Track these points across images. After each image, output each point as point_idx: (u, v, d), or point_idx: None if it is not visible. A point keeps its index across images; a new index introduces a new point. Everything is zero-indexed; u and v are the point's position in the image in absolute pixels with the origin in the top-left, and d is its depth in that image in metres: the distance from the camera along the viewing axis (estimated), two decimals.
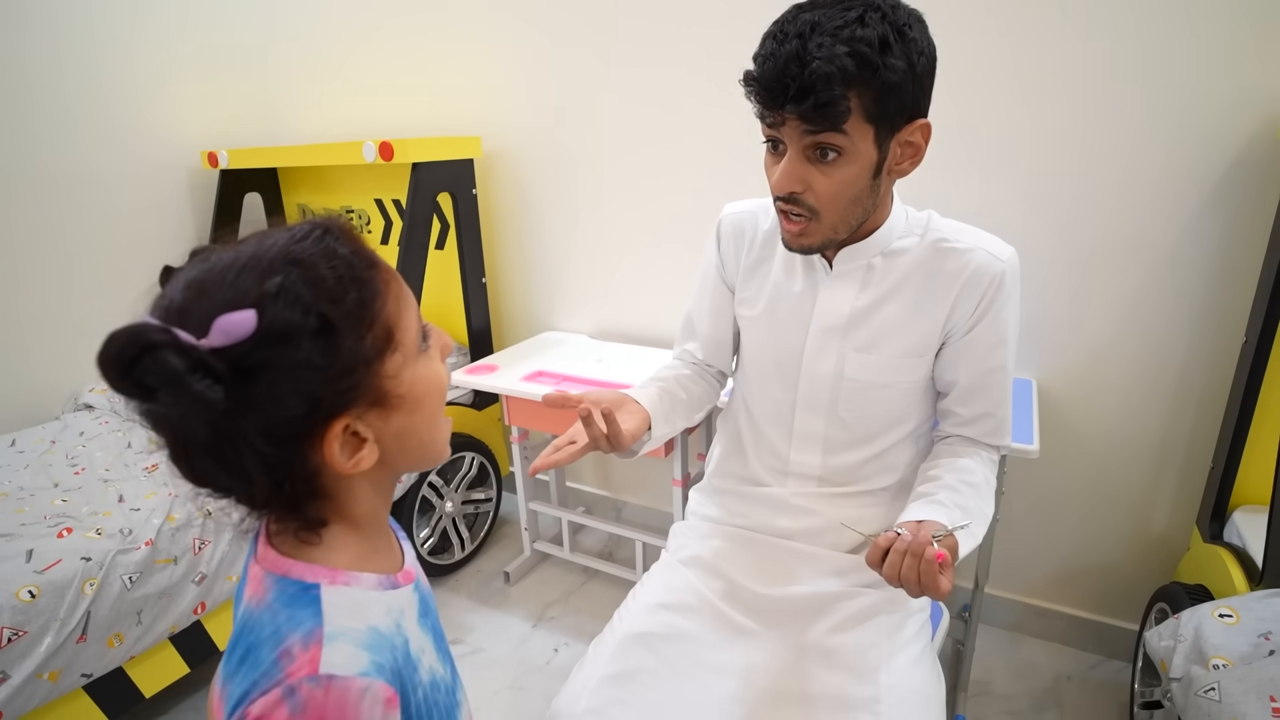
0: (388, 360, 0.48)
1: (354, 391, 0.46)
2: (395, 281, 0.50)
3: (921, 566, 0.72)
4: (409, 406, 0.49)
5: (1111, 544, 1.58)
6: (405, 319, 0.49)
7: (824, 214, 0.84)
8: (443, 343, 0.55)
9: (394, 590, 0.52)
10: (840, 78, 0.73)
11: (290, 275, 0.43)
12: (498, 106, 2.00)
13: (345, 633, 0.46)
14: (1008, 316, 0.92)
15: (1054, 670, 1.61)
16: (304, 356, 0.42)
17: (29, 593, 1.19)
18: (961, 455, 0.96)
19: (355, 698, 0.43)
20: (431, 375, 0.52)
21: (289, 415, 0.43)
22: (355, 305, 0.45)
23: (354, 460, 0.47)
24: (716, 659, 0.92)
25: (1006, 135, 1.43)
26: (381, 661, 0.46)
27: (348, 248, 0.47)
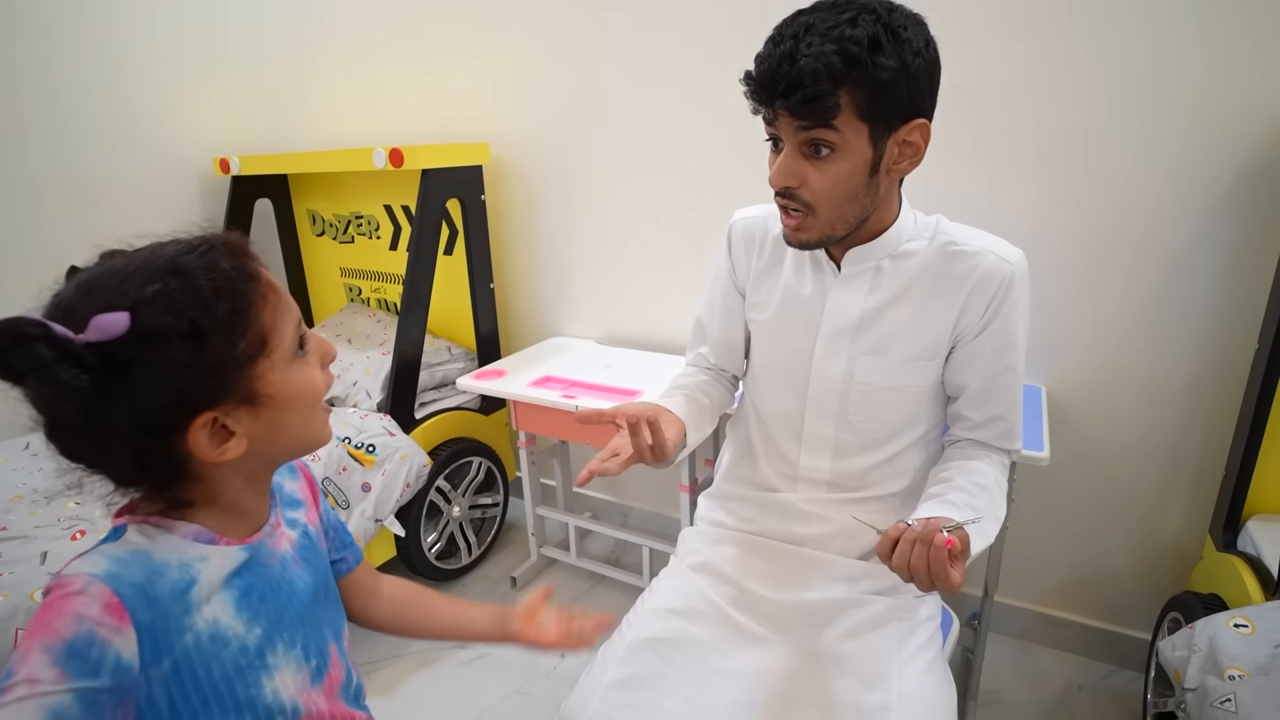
0: (259, 363, 0.53)
1: (221, 389, 0.51)
2: (273, 294, 0.55)
3: (931, 554, 0.71)
4: (278, 405, 0.55)
5: (1122, 552, 1.57)
6: (280, 328, 0.55)
7: (820, 209, 0.86)
8: (323, 350, 0.61)
9: (207, 545, 0.56)
10: (827, 74, 0.76)
11: (169, 284, 0.48)
12: (506, 113, 2.01)
13: (106, 550, 0.51)
14: (1017, 319, 0.92)
15: (1065, 680, 1.60)
16: (173, 356, 0.48)
17: (43, 595, 1.19)
18: (973, 458, 0.96)
19: (73, 590, 0.48)
20: (303, 379, 0.57)
21: (156, 406, 0.49)
22: (227, 314, 0.51)
23: (220, 450, 0.52)
24: (726, 665, 0.92)
25: (1016, 139, 1.42)
26: (121, 574, 0.50)
27: (230, 262, 0.52)
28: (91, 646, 0.47)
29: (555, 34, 1.86)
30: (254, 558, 0.60)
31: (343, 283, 2.43)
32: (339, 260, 2.41)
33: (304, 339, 0.58)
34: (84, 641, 0.46)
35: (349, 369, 1.99)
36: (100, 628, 0.47)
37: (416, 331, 1.86)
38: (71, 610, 0.47)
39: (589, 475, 0.82)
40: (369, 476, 1.68)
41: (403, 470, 1.72)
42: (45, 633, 0.46)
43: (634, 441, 0.86)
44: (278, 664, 0.59)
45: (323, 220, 2.38)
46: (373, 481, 1.68)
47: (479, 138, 2.05)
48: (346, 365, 2.01)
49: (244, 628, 0.57)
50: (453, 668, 1.68)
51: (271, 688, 0.58)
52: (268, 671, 0.58)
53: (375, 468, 1.69)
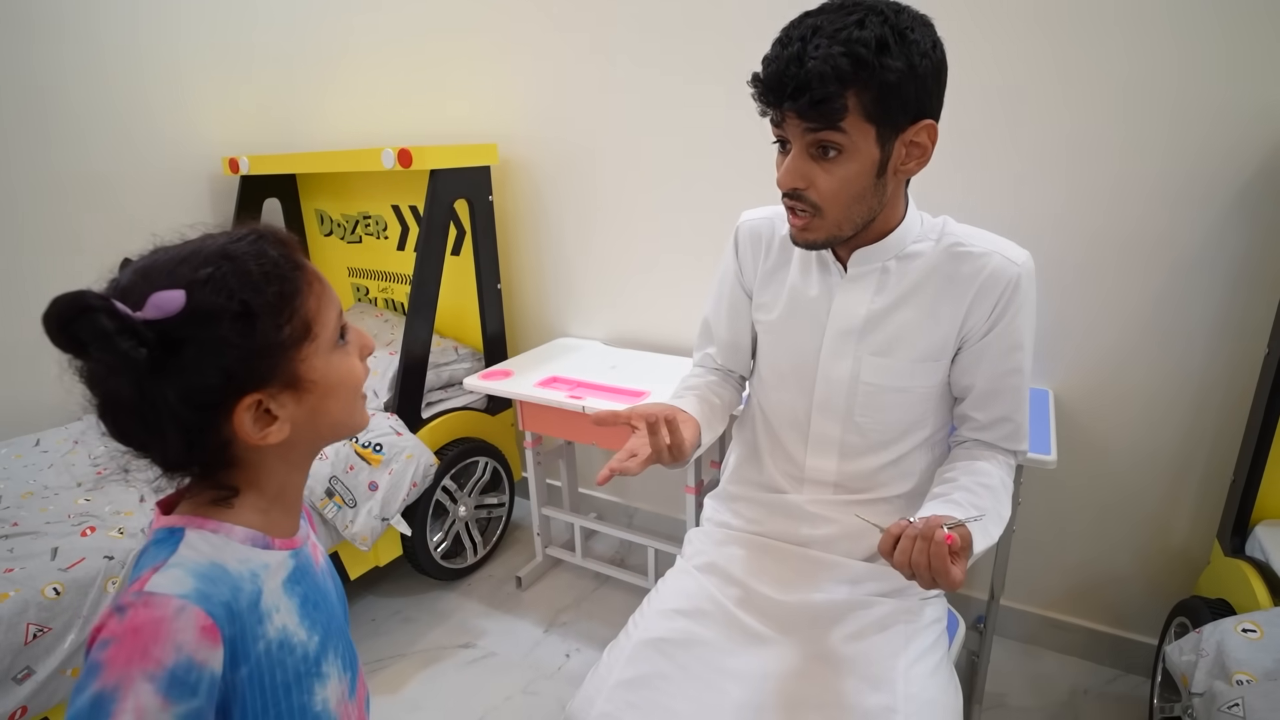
0: (304, 349, 0.55)
1: (268, 372, 0.53)
2: (318, 283, 0.57)
3: (931, 549, 0.72)
4: (321, 391, 0.56)
5: (1129, 557, 1.56)
6: (324, 315, 0.57)
7: (827, 210, 0.86)
8: (362, 342, 0.62)
9: (264, 550, 0.57)
10: (834, 76, 0.76)
11: (221, 267, 0.50)
12: (514, 114, 2.02)
13: (184, 562, 0.51)
14: (1024, 321, 0.92)
15: (1070, 684, 1.60)
16: (224, 335, 0.49)
17: (54, 590, 1.21)
18: (978, 459, 0.96)
19: (168, 614, 0.47)
20: (345, 367, 0.59)
21: (206, 384, 0.50)
22: (275, 297, 0.52)
23: (264, 434, 0.53)
24: (732, 665, 0.92)
25: (1025, 142, 1.42)
26: (210, 592, 0.50)
27: (278, 251, 0.54)
28: (191, 671, 0.47)
29: (563, 36, 1.86)
30: (301, 565, 0.60)
31: (350, 282, 2.44)
32: (347, 260, 2.42)
33: (345, 329, 0.60)
34: (184, 668, 0.47)
35: None
36: (198, 652, 0.48)
37: (424, 331, 1.86)
38: (170, 637, 0.47)
39: (609, 474, 0.82)
40: (376, 475, 1.69)
41: (409, 469, 1.73)
42: (145, 660, 0.46)
43: (653, 441, 0.86)
44: (329, 672, 0.60)
45: (331, 220, 2.39)
46: (380, 480, 1.69)
47: (487, 138, 2.06)
48: None
49: (306, 635, 0.58)
50: (457, 667, 1.69)
51: (322, 696, 0.59)
52: (321, 680, 0.59)
53: (382, 467, 1.70)
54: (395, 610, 1.88)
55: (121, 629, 0.47)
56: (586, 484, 2.27)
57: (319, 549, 0.66)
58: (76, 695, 0.46)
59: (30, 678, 1.16)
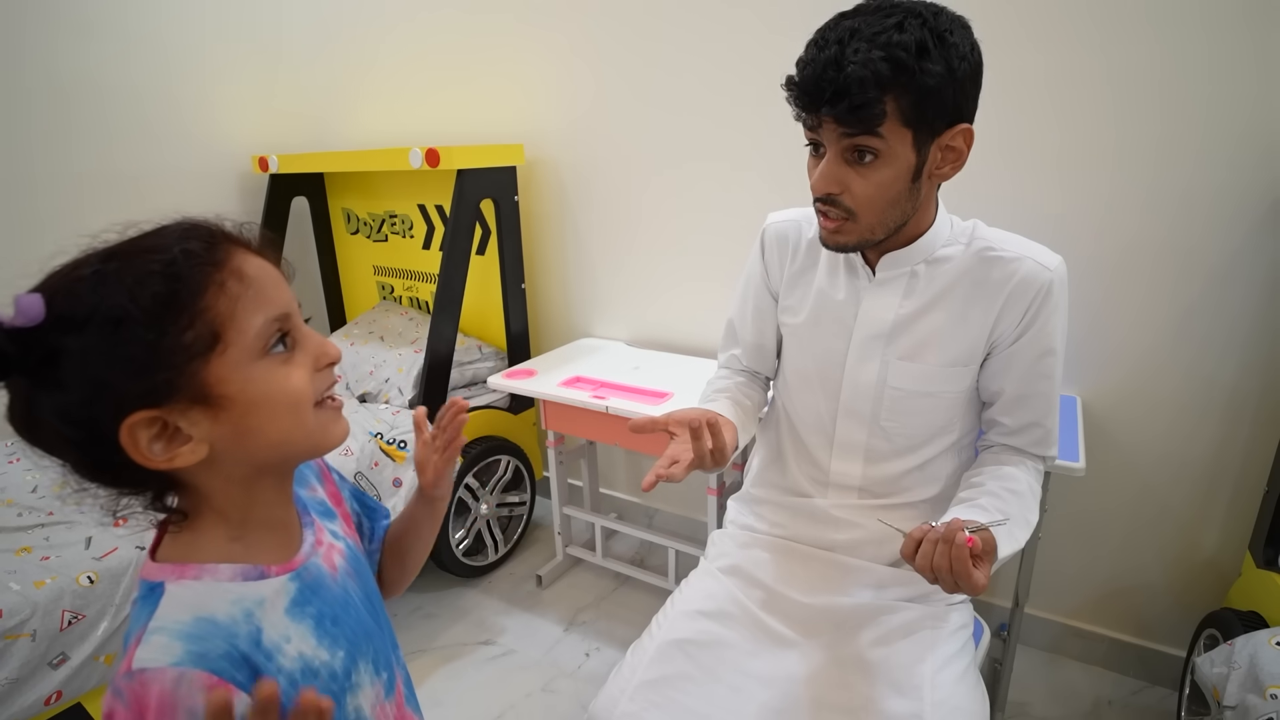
0: (212, 359, 0.47)
1: (162, 386, 0.46)
2: (237, 283, 0.48)
3: (952, 553, 0.72)
4: (241, 408, 0.49)
5: (1157, 566, 1.54)
6: (242, 321, 0.48)
7: (861, 215, 0.85)
8: (319, 351, 0.54)
9: (258, 581, 0.52)
10: (874, 81, 0.75)
11: (106, 267, 0.45)
12: (541, 115, 2.03)
13: (165, 626, 0.47)
14: (1055, 326, 0.91)
15: (1094, 694, 1.58)
16: (92, 345, 0.44)
17: (88, 578, 1.23)
18: (1006, 464, 0.95)
19: (168, 687, 0.44)
20: (275, 380, 0.50)
21: (81, 399, 0.44)
22: (161, 300, 0.45)
23: (171, 455, 0.47)
24: (756, 668, 0.92)
25: (1061, 147, 1.41)
26: (203, 650, 0.46)
27: (185, 245, 0.47)
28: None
29: (590, 37, 1.87)
30: (311, 582, 0.56)
31: (376, 280, 2.47)
32: (372, 258, 2.45)
33: (288, 336, 0.52)
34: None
35: (381, 365, 2.02)
36: None
37: (449, 330, 1.88)
38: (182, 707, 0.44)
39: (655, 480, 0.81)
40: (400, 472, 1.71)
41: None
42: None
43: (696, 447, 0.84)
44: (360, 682, 0.58)
45: (357, 219, 2.42)
46: (404, 477, 1.71)
47: (513, 139, 2.08)
48: (379, 362, 2.04)
49: (329, 654, 0.55)
50: (478, 664, 1.70)
51: (354, 705, 0.57)
52: (352, 691, 0.57)
53: (407, 464, 1.72)
54: (416, 606, 1.90)
55: (131, 714, 0.44)
56: (607, 484, 2.28)
57: (337, 549, 0.62)
58: None
59: (65, 663, 1.19)
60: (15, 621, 1.14)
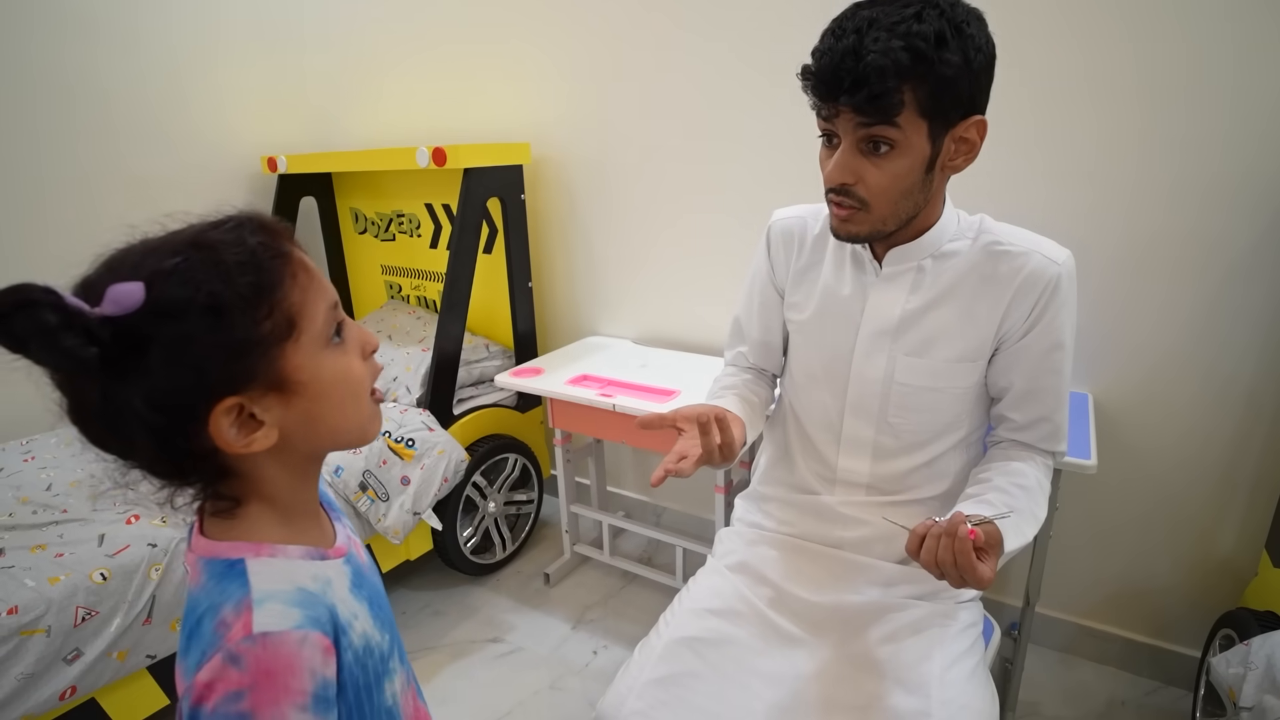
0: (288, 347, 0.49)
1: (246, 373, 0.48)
2: (304, 273, 0.51)
3: (955, 546, 0.72)
4: (312, 394, 0.51)
5: (1172, 566, 1.52)
6: (311, 309, 0.51)
7: (875, 206, 0.85)
8: (363, 339, 0.57)
9: (322, 561, 0.55)
10: (894, 71, 0.75)
11: (190, 257, 0.46)
12: (547, 114, 2.03)
13: (273, 595, 0.49)
14: (1063, 321, 0.90)
15: (1107, 695, 1.56)
16: (191, 332, 0.45)
17: (101, 575, 1.25)
18: (1014, 459, 0.95)
19: (294, 648, 0.47)
20: (339, 367, 0.53)
21: (173, 387, 0.45)
22: (249, 289, 0.47)
23: (247, 441, 0.49)
24: (764, 666, 0.91)
25: (1073, 140, 1.39)
26: (316, 615, 0.49)
27: (258, 238, 0.49)
28: (328, 687, 0.49)
29: (596, 35, 1.87)
30: (357, 569, 0.59)
31: (383, 280, 2.48)
32: (380, 258, 2.46)
33: (341, 326, 0.54)
34: (323, 687, 0.48)
35: (390, 364, 2.03)
36: (327, 670, 0.49)
37: (456, 328, 1.89)
38: (305, 667, 0.47)
39: (664, 475, 0.82)
40: (408, 470, 1.71)
41: (441, 465, 1.75)
42: (291, 695, 0.46)
43: (704, 442, 0.85)
44: (395, 668, 0.60)
45: (365, 218, 2.43)
46: (412, 475, 1.71)
47: (520, 138, 2.08)
48: (387, 361, 2.05)
49: (379, 635, 0.57)
50: (486, 661, 1.71)
51: (391, 691, 0.59)
52: (390, 677, 0.59)
53: (414, 462, 1.72)
54: (425, 604, 1.91)
55: (252, 677, 0.45)
56: (615, 482, 2.28)
57: (360, 546, 0.65)
58: None
59: (79, 659, 1.20)
60: (30, 617, 1.16)
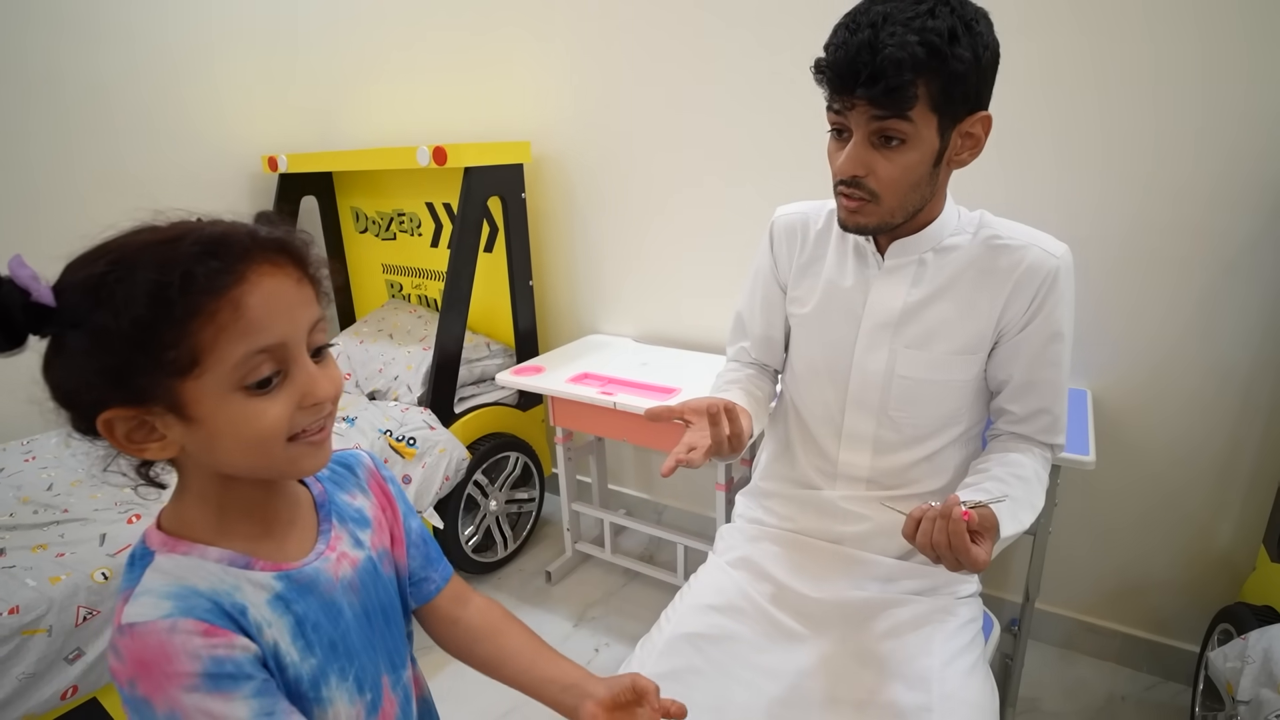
0: (187, 381, 0.48)
1: (133, 393, 0.48)
2: (231, 312, 0.48)
3: (950, 528, 0.74)
4: (208, 432, 0.50)
5: (1170, 561, 1.53)
6: (224, 352, 0.48)
7: (884, 198, 0.87)
8: (305, 390, 0.52)
9: (243, 570, 0.54)
10: (911, 64, 0.76)
11: (114, 272, 0.47)
12: (547, 112, 2.03)
13: (152, 589, 0.50)
14: (1062, 314, 0.91)
15: (1107, 690, 1.57)
16: (82, 345, 0.47)
17: (102, 574, 1.25)
18: (1013, 451, 0.96)
19: (161, 636, 0.47)
20: (244, 415, 0.50)
21: (70, 385, 0.49)
22: (146, 320, 0.46)
23: (140, 446, 0.51)
24: (765, 662, 0.92)
25: (1075, 135, 1.39)
26: (189, 606, 0.49)
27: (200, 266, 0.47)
28: (224, 663, 0.48)
29: (596, 34, 1.87)
30: (303, 586, 0.56)
31: (384, 279, 2.48)
32: (381, 257, 2.46)
33: (278, 373, 0.51)
34: (215, 663, 0.47)
35: (390, 363, 2.03)
36: (215, 649, 0.48)
37: (457, 327, 1.89)
38: (181, 651, 0.47)
39: (675, 465, 0.83)
40: (409, 469, 1.71)
41: (442, 463, 1.75)
42: (174, 679, 0.46)
43: (714, 433, 0.86)
44: (331, 697, 0.57)
45: (366, 218, 2.43)
46: (413, 474, 1.72)
47: (520, 136, 2.08)
48: (388, 360, 2.05)
49: (299, 656, 0.55)
50: None
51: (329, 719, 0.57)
52: (320, 705, 0.56)
53: (415, 460, 1.72)
54: None
55: (131, 667, 0.47)
56: (616, 480, 2.29)
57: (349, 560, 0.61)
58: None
59: (80, 658, 1.20)
60: (32, 617, 1.16)
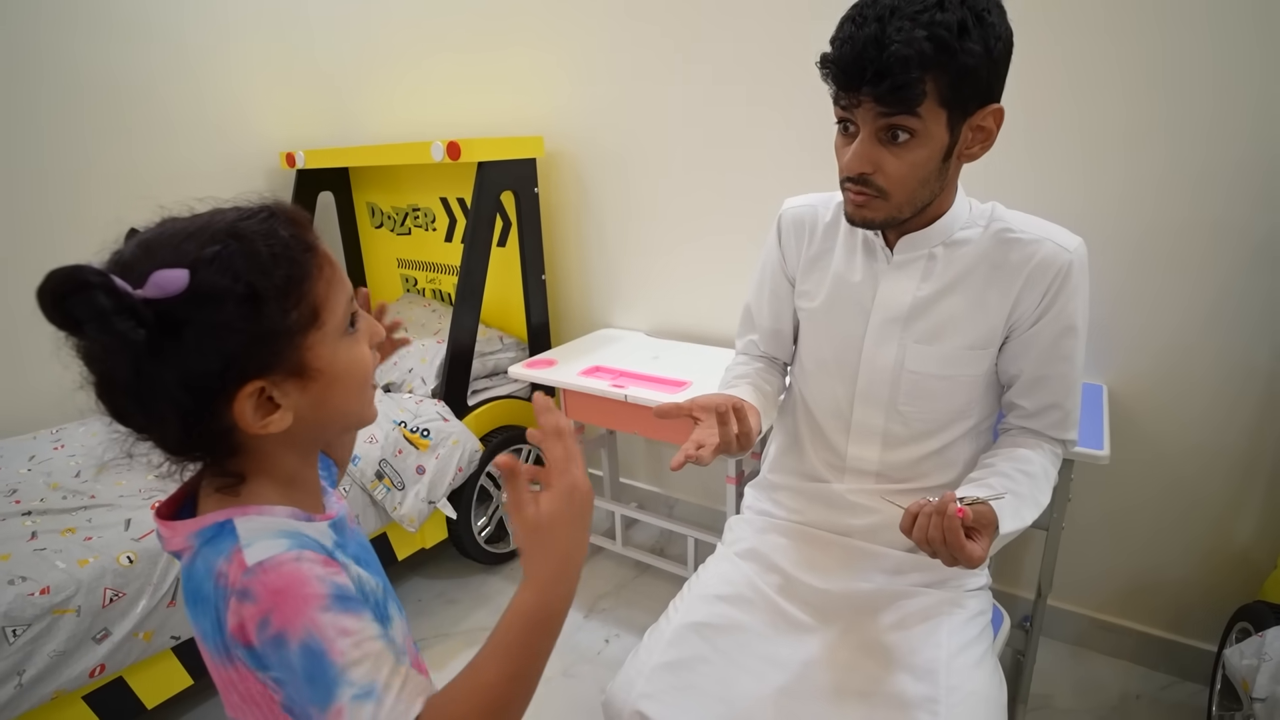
0: (311, 335, 0.52)
1: (271, 359, 0.51)
2: (329, 267, 0.54)
3: (945, 524, 0.74)
4: (327, 380, 0.54)
5: (1188, 559, 1.51)
6: (333, 302, 0.54)
7: (893, 194, 0.85)
8: (372, 330, 0.61)
9: (307, 522, 0.56)
10: (918, 61, 0.74)
11: (229, 246, 0.48)
12: (560, 107, 2.04)
13: (258, 536, 0.51)
14: (1075, 308, 0.90)
15: (1121, 689, 1.55)
16: (227, 318, 0.47)
17: (127, 558, 1.28)
18: (1021, 446, 0.95)
19: (292, 565, 0.49)
20: (353, 356, 0.57)
21: (205, 369, 0.48)
22: (283, 281, 0.50)
23: (265, 422, 0.51)
24: (773, 652, 0.92)
25: (1085, 126, 1.38)
26: (303, 543, 0.51)
27: (289, 231, 0.52)
28: (343, 589, 0.50)
29: (609, 29, 1.88)
30: (344, 530, 0.61)
31: (399, 273, 2.51)
32: (396, 251, 2.48)
33: (355, 317, 0.57)
34: (339, 588, 0.49)
35: (405, 356, 2.06)
36: (335, 576, 0.50)
37: (470, 320, 1.91)
38: (309, 575, 0.49)
39: (684, 460, 0.83)
40: (423, 460, 1.74)
41: (455, 455, 1.77)
42: (308, 602, 0.47)
43: (723, 432, 0.85)
44: (392, 615, 0.62)
45: (381, 213, 2.46)
46: (427, 465, 1.74)
47: (533, 131, 2.09)
48: (403, 353, 2.07)
49: (374, 582, 0.59)
50: None
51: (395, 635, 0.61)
52: (389, 622, 0.60)
53: (429, 451, 1.75)
54: (439, 592, 1.94)
55: (268, 601, 0.47)
56: (628, 473, 2.30)
57: (351, 517, 0.66)
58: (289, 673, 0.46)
59: (108, 638, 1.24)
60: (62, 597, 1.20)
